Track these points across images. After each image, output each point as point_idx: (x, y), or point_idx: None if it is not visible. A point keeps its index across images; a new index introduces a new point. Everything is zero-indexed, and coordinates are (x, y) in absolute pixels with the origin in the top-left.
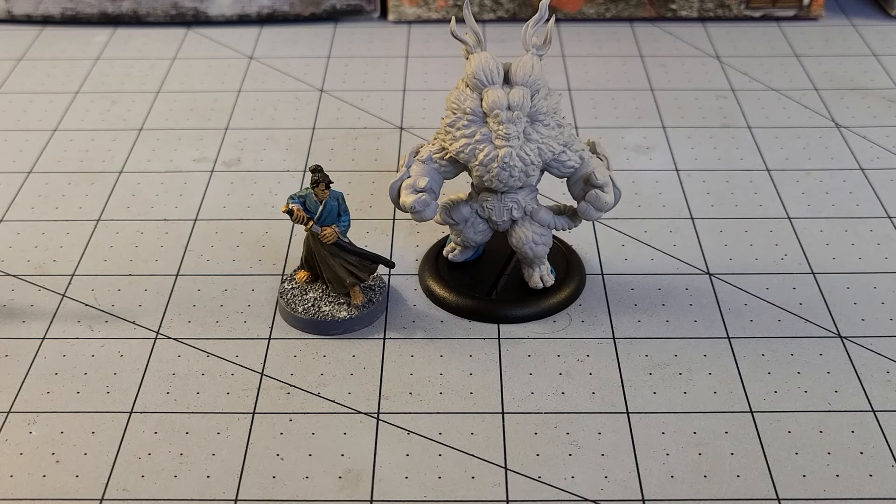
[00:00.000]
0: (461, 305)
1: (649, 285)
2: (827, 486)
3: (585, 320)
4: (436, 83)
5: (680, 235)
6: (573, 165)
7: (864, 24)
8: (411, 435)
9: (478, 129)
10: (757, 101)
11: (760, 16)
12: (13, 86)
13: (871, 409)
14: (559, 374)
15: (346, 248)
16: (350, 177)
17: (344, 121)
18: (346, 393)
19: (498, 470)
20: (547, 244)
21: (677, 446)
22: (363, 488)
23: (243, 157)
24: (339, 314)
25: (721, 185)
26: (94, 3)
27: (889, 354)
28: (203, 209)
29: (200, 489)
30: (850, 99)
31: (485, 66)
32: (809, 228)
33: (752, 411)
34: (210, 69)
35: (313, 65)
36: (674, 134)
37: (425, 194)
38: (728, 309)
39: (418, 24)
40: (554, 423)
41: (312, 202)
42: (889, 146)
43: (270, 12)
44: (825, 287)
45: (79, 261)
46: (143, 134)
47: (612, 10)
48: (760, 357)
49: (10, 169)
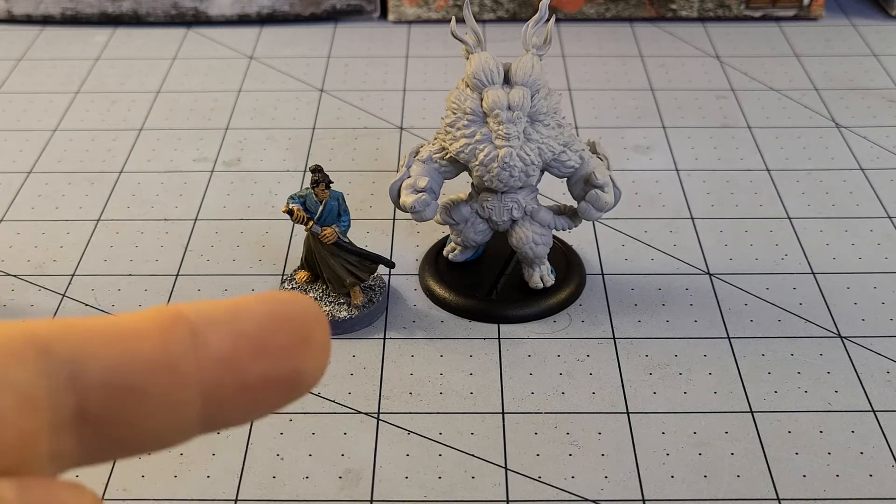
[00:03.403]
0: (461, 305)
1: (649, 285)
2: (827, 486)
3: (585, 320)
4: (436, 83)
5: (680, 235)
6: (573, 165)
7: (864, 24)
8: (411, 435)
9: (478, 129)
10: (757, 101)
11: (760, 16)
12: (13, 86)
13: (871, 409)
14: (559, 374)
15: (347, 248)
16: (350, 177)
17: (344, 121)
18: (346, 393)
19: (498, 470)
20: (547, 244)
21: (677, 446)
22: (363, 488)
23: (243, 157)
24: (339, 314)
25: (721, 185)
26: (94, 3)
27: (889, 354)
28: (203, 209)
29: (200, 489)
30: (850, 99)
31: (485, 66)
32: (809, 228)
33: (752, 411)
34: (210, 69)
35: (313, 65)
36: (674, 134)
37: (425, 194)
38: (728, 309)
39: (418, 24)
40: (554, 423)
41: (312, 202)
42: (889, 146)
43: (270, 12)
44: (825, 287)
45: (79, 261)
46: (143, 134)
47: (612, 10)
48: (760, 357)
49: (10, 169)
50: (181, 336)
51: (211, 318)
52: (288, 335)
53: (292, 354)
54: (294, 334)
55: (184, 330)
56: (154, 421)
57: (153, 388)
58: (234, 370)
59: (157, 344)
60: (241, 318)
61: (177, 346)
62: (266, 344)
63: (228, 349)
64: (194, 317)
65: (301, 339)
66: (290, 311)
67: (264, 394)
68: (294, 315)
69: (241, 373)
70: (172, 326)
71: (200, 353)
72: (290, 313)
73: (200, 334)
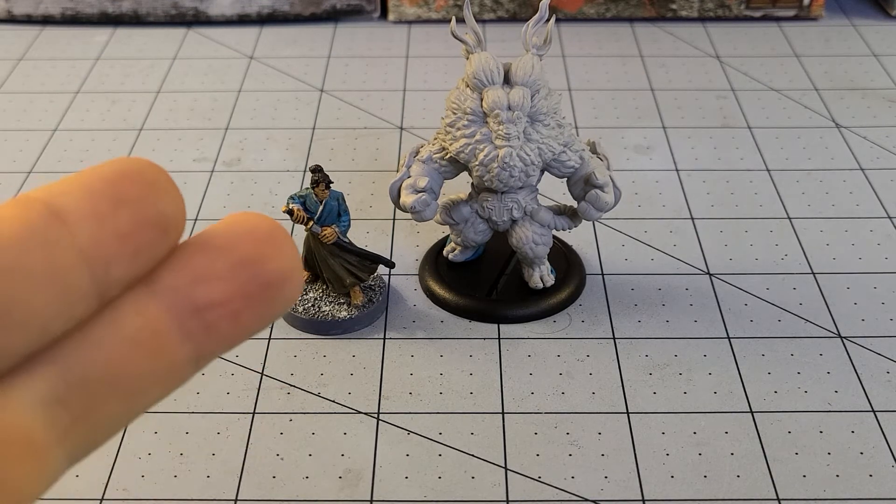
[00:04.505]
0: (461, 305)
1: (649, 285)
2: (827, 486)
3: (585, 320)
4: (436, 83)
5: (680, 235)
6: (573, 165)
7: (864, 24)
8: (411, 435)
9: (478, 129)
10: (757, 101)
11: (760, 16)
12: (13, 86)
13: (871, 409)
14: (559, 374)
15: (347, 248)
16: (350, 177)
17: (344, 121)
18: (346, 393)
19: (498, 470)
20: (547, 244)
21: (677, 446)
22: (363, 488)
23: (243, 157)
24: (339, 314)
25: (721, 185)
26: (94, 3)
27: (889, 354)
28: (203, 209)
29: (200, 489)
30: (850, 99)
31: (485, 66)
32: (809, 228)
33: (752, 411)
34: (210, 69)
35: (313, 65)
36: (674, 134)
37: (425, 194)
38: (728, 309)
39: (418, 24)
40: (554, 423)
41: (312, 202)
42: (889, 146)
43: (270, 12)
44: (825, 287)
45: None
46: (143, 134)
47: (612, 10)
48: (760, 357)
49: (10, 169)
50: (38, 212)
51: (60, 190)
52: (136, 184)
53: (148, 197)
54: (141, 182)
55: (38, 206)
56: (45, 295)
57: (29, 263)
58: (101, 222)
59: (17, 224)
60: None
61: (38, 221)
62: (120, 195)
63: (87, 208)
64: (43, 194)
65: (149, 183)
66: (129, 166)
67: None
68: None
69: (109, 223)
70: (26, 205)
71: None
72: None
73: (55, 204)
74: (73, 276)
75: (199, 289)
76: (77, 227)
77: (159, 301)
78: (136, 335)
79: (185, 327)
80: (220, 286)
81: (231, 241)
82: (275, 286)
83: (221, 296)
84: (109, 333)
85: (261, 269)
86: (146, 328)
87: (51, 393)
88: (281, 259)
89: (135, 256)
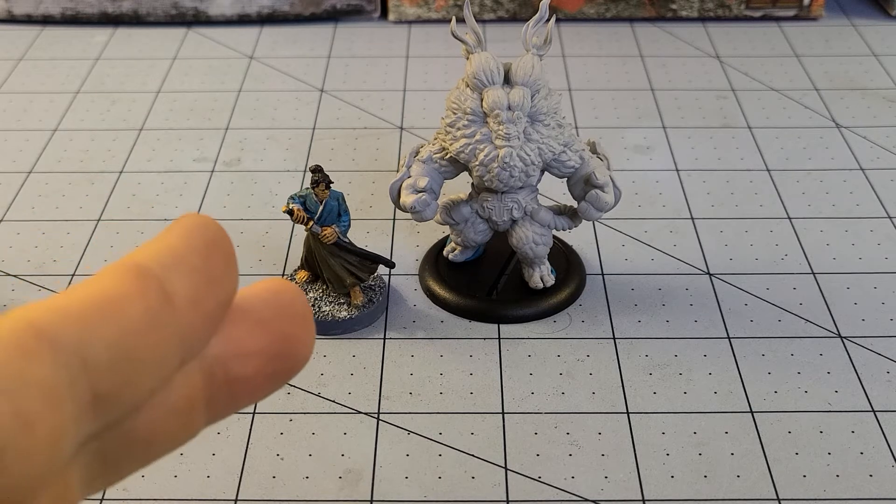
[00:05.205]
0: (461, 305)
1: (649, 285)
2: (827, 486)
3: (585, 320)
4: (436, 83)
5: (680, 235)
6: (573, 165)
7: (864, 24)
8: (411, 435)
9: (478, 129)
10: (757, 101)
11: (760, 16)
12: (13, 86)
13: (871, 409)
14: (559, 374)
15: (347, 248)
16: (350, 177)
17: (344, 121)
18: (346, 393)
19: (498, 470)
20: (547, 244)
21: (677, 446)
22: (363, 488)
23: (243, 157)
24: (339, 314)
25: (721, 185)
26: (94, 3)
27: (889, 354)
28: (203, 209)
29: (200, 489)
30: (850, 99)
31: (485, 66)
32: (809, 228)
33: (752, 411)
34: (210, 69)
35: (313, 65)
36: (674, 134)
37: (425, 194)
38: (728, 309)
39: (418, 24)
40: (554, 423)
41: (313, 202)
42: (889, 146)
43: (270, 12)
44: (825, 287)
45: (79, 261)
46: (143, 134)
47: (612, 10)
48: (760, 357)
49: (10, 169)
50: (155, 292)
51: (165, 263)
52: (221, 260)
53: (228, 275)
54: (223, 255)
55: (155, 285)
56: (148, 380)
57: (145, 349)
58: (198, 307)
59: (141, 306)
60: (187, 256)
61: (155, 303)
62: (211, 275)
63: (191, 294)
64: (155, 267)
65: (227, 257)
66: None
67: (219, 321)
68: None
69: (202, 306)
70: (145, 284)
71: (173, 303)
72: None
73: (167, 287)
74: (171, 360)
75: (237, 362)
76: (181, 314)
77: (202, 370)
78: (177, 403)
79: (213, 397)
80: (253, 363)
81: (268, 317)
82: (297, 370)
83: (252, 372)
84: (161, 400)
85: (292, 351)
86: (187, 397)
87: (100, 448)
88: (308, 343)
89: (211, 335)
